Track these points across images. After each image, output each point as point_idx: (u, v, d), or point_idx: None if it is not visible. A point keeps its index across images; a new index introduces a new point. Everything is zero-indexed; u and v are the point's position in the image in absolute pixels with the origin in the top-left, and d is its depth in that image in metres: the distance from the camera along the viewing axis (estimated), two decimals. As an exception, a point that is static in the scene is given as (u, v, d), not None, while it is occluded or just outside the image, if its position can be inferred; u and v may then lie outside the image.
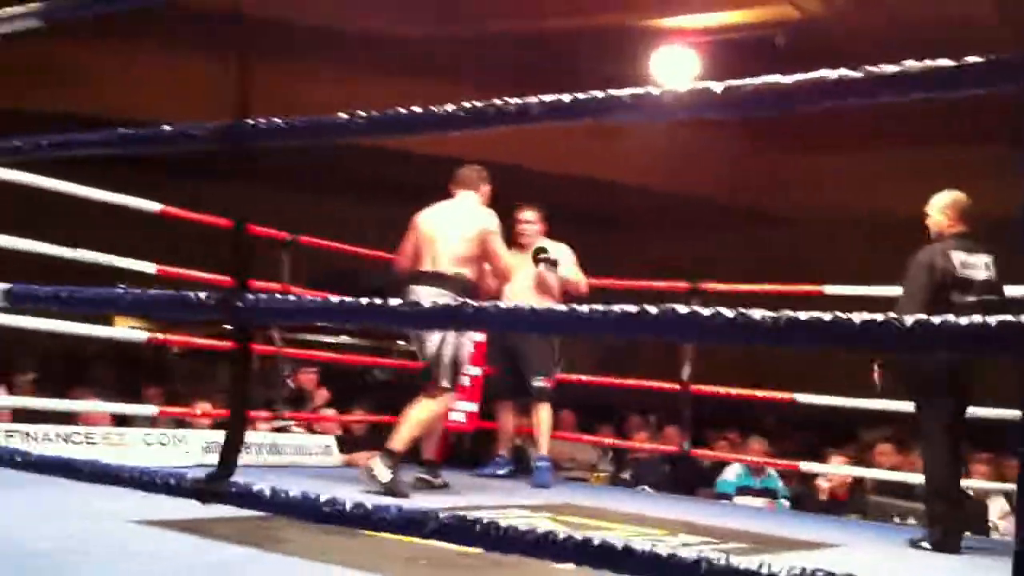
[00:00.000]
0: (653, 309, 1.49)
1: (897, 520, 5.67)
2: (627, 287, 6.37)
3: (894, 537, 4.59)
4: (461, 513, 1.67)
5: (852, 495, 6.12)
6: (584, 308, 1.55)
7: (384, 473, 4.47)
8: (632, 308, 1.51)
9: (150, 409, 5.22)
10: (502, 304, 1.69)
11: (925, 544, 4.23)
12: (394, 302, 1.81)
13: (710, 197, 11.43)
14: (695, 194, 11.37)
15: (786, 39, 7.65)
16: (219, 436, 5.08)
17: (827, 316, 1.32)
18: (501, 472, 5.76)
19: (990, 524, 5.69)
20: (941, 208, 4.43)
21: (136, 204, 5.09)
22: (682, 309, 1.46)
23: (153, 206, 5.14)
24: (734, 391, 6.10)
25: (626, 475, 7.14)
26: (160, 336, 5.34)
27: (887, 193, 9.77)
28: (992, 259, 4.32)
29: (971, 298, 4.23)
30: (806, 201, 11.37)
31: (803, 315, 1.35)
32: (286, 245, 5.69)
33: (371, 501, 1.75)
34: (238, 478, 1.88)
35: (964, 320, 1.09)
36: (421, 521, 1.69)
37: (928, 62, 1.07)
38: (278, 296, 1.93)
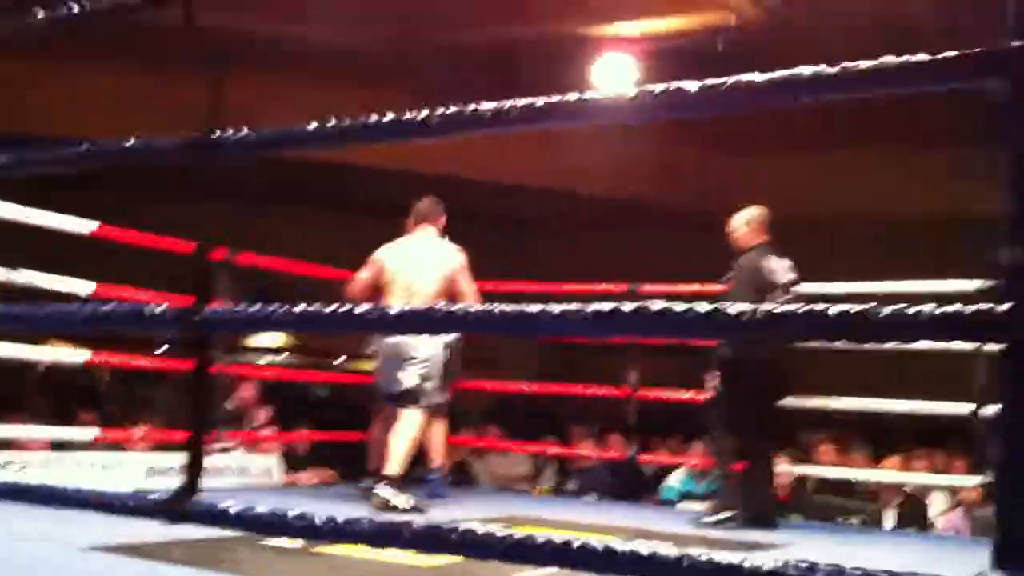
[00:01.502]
0: (631, 305, 1.49)
1: (840, 519, 5.77)
2: (565, 291, 6.35)
3: (838, 535, 4.67)
4: (435, 523, 1.65)
5: (794, 496, 6.20)
6: (559, 308, 1.55)
7: (401, 499, 4.63)
8: (608, 306, 1.51)
9: (89, 433, 5.07)
10: (477, 306, 1.67)
11: (707, 520, 4.66)
12: (360, 309, 1.79)
13: (643, 200, 11.51)
14: (628, 198, 11.43)
15: (725, 44, 7.71)
16: (161, 459, 5.04)
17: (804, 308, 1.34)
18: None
19: (930, 521, 5.81)
20: (746, 222, 4.89)
21: (69, 226, 4.93)
22: (656, 305, 1.47)
23: (86, 226, 5.00)
24: (678, 396, 6.13)
25: (571, 485, 7.15)
26: (100, 359, 5.21)
27: (823, 196, 10.02)
28: (791, 263, 4.80)
29: (783, 297, 4.69)
30: (739, 203, 11.49)
31: (779, 308, 1.37)
32: (223, 263, 5.59)
33: (341, 515, 1.72)
34: (197, 498, 1.83)
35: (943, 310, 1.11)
36: (396, 532, 1.68)
37: (883, 59, 1.09)
38: (238, 308, 1.89)
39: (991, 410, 4.82)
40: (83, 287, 4.83)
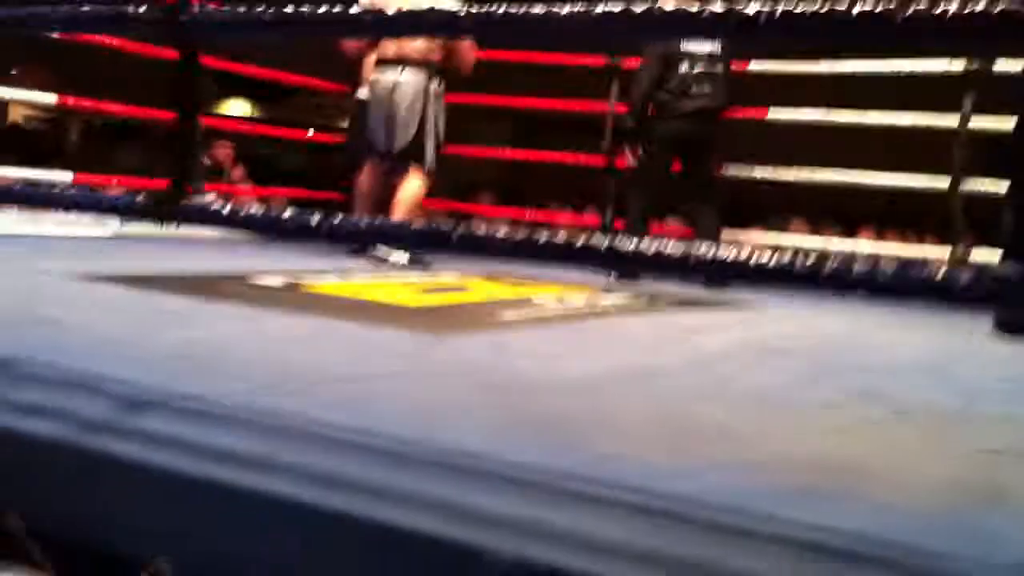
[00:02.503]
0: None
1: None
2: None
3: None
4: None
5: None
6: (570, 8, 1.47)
7: (398, 254, 4.52)
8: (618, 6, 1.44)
9: (65, 176, 4.98)
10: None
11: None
12: (356, 11, 1.70)
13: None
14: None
15: None
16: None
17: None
18: None
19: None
20: None
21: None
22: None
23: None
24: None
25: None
26: (70, 102, 5.07)
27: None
28: None
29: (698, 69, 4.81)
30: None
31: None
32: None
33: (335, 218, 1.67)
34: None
35: None
36: (386, 229, 1.65)
37: None
38: (229, 9, 1.79)
39: (971, 185, 4.82)
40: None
